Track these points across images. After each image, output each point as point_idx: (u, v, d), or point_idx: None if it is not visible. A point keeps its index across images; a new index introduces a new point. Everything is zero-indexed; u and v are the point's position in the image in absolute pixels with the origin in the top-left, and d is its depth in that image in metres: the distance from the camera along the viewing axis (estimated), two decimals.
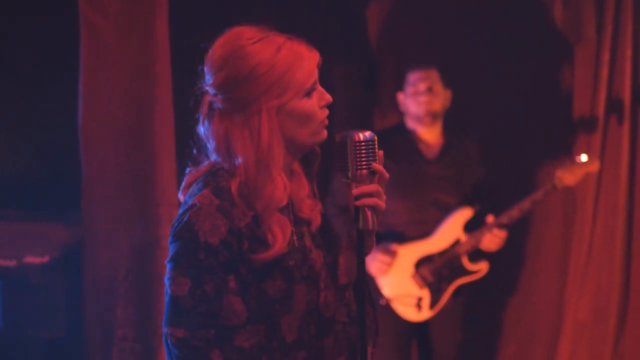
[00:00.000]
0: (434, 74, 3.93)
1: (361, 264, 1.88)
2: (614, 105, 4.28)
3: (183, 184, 1.92)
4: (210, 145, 1.87)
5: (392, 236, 3.90)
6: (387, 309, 3.88)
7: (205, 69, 1.87)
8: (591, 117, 4.30)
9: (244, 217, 1.83)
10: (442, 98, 3.94)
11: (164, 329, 1.80)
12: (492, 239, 3.83)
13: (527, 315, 4.58)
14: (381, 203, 1.84)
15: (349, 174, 1.85)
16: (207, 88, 1.86)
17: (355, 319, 1.98)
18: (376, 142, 1.86)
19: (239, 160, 1.83)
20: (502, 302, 4.59)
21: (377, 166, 1.84)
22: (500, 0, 4.48)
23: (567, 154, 4.32)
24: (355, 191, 1.83)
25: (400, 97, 4.01)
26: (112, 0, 3.43)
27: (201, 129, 1.89)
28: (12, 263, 3.45)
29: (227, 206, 1.81)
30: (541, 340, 4.54)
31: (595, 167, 3.97)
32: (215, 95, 1.85)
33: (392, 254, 3.85)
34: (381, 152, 1.86)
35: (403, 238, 3.90)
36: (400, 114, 4.14)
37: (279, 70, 1.81)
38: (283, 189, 1.85)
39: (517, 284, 4.58)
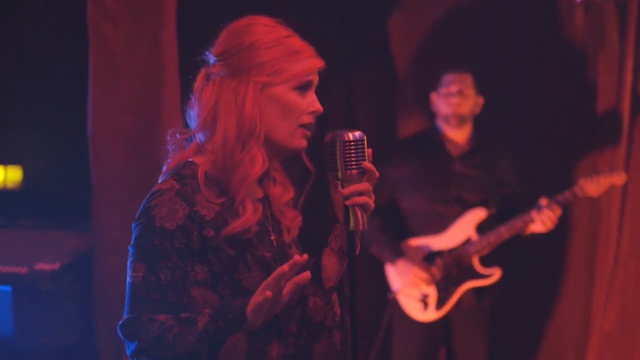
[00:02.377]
0: (467, 78, 3.97)
1: (351, 266, 1.85)
2: (638, 112, 4.20)
3: (163, 171, 1.93)
4: (198, 118, 1.88)
5: (408, 229, 3.93)
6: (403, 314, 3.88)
7: (214, 41, 1.91)
8: (615, 124, 4.22)
9: (209, 204, 1.82)
10: (472, 102, 3.97)
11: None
12: (544, 220, 3.76)
13: (554, 326, 4.51)
14: (371, 202, 1.82)
15: (339, 174, 1.82)
16: (206, 56, 1.90)
17: (340, 323, 1.96)
18: (365, 142, 1.84)
19: (220, 128, 1.83)
20: (528, 313, 4.52)
21: (367, 164, 1.81)
22: (522, 7, 4.45)
23: (591, 162, 4.25)
24: (346, 190, 1.80)
25: (433, 97, 4.05)
26: (121, 9, 3.47)
27: (189, 108, 1.91)
28: (22, 270, 3.47)
29: (188, 191, 1.81)
30: (568, 351, 4.47)
31: (620, 179, 3.90)
32: (213, 63, 1.88)
33: (428, 269, 3.84)
34: (370, 150, 1.83)
35: (417, 232, 3.92)
36: (423, 120, 4.14)
37: (277, 53, 1.85)
38: (261, 164, 1.85)
39: (544, 295, 4.51)
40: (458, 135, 4.00)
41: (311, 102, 1.88)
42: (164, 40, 3.46)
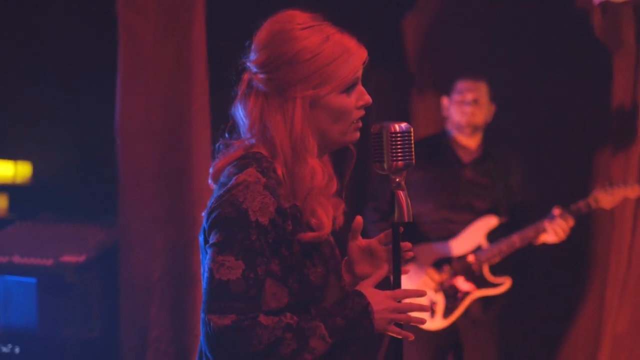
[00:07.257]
0: (483, 87, 3.92)
1: (397, 258, 1.87)
2: None
3: (212, 170, 1.87)
4: (245, 124, 1.85)
5: (417, 234, 3.85)
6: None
7: (252, 45, 1.85)
8: (630, 127, 4.22)
9: (287, 196, 1.79)
10: (485, 111, 3.92)
11: (205, 317, 1.70)
12: (556, 230, 3.75)
13: (566, 329, 4.51)
14: None
15: (385, 165, 1.84)
16: (248, 64, 1.85)
17: None
18: (412, 134, 1.85)
19: (274, 141, 1.81)
20: (540, 317, 4.52)
21: None
22: (538, 9, 4.45)
23: (605, 169, 4.25)
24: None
25: (445, 101, 3.99)
26: (150, 3, 3.47)
27: (235, 111, 1.87)
28: (48, 262, 3.47)
29: (274, 184, 1.76)
30: (580, 353, 4.46)
31: (634, 192, 3.88)
32: (255, 73, 1.83)
33: (444, 273, 3.81)
34: None
35: (427, 238, 3.85)
36: (435, 123, 4.11)
37: (322, 61, 1.80)
38: (322, 174, 1.82)
39: (556, 298, 4.50)
40: (469, 141, 3.94)
41: (360, 96, 1.87)
42: (193, 35, 3.45)
